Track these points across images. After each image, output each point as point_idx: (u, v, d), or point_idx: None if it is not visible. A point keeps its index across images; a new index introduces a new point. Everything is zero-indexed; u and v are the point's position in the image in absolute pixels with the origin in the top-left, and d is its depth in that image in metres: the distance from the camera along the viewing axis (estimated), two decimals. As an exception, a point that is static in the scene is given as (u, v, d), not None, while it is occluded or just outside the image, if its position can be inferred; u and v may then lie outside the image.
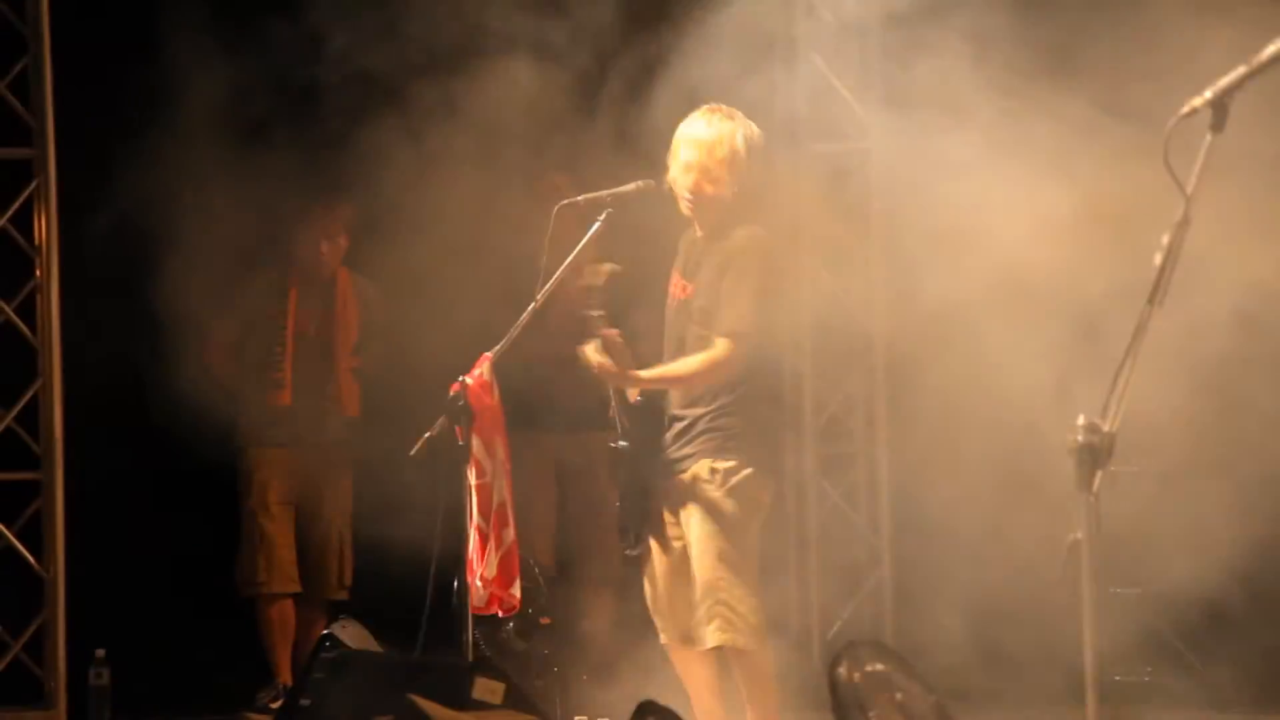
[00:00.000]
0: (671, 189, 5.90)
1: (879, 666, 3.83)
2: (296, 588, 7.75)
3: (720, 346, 5.78)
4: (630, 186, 5.97)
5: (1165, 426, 8.10)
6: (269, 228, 7.82)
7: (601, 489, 7.36)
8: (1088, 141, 8.11)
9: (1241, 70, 3.84)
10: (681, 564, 5.89)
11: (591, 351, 5.77)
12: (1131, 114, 7.55)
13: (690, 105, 5.99)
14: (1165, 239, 3.79)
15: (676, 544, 5.90)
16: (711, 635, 5.81)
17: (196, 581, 7.99)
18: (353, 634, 5.59)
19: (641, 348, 5.96)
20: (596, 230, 5.92)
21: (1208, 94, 3.79)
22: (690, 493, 5.84)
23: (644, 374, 5.80)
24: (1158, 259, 3.80)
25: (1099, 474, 3.84)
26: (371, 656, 5.43)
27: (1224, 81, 3.81)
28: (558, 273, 5.86)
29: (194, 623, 7.89)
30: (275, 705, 7.37)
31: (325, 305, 7.82)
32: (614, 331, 5.77)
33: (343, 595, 7.79)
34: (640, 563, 5.98)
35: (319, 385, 7.76)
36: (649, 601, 5.99)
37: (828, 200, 8.10)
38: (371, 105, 7.91)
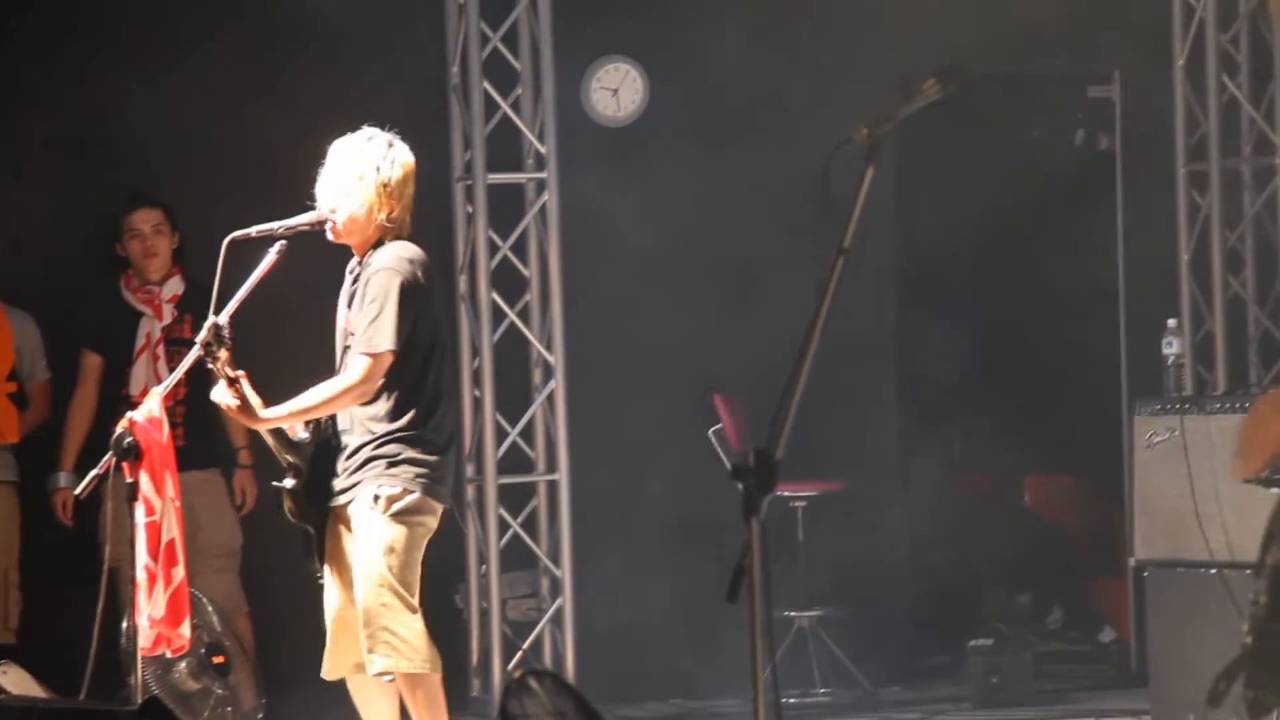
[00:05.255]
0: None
1: (551, 698, 3.84)
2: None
3: (355, 366, 5.78)
4: (304, 218, 5.93)
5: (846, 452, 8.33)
6: None
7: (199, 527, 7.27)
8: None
9: (898, 106, 3.94)
10: (352, 591, 5.87)
11: (218, 394, 5.74)
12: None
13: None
14: (827, 270, 3.85)
15: (347, 573, 5.87)
16: (376, 662, 5.81)
17: None
18: (14, 679, 5.41)
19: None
20: (271, 262, 5.86)
21: (864, 129, 3.88)
22: (355, 520, 5.83)
23: (271, 412, 5.78)
24: (817, 291, 3.86)
25: (765, 500, 3.89)
26: (31, 703, 5.27)
27: (881, 116, 3.90)
28: (229, 306, 5.78)
29: None
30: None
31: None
32: (238, 373, 5.72)
33: (8, 639, 7.53)
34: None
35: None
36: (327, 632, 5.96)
37: (506, 230, 8.12)
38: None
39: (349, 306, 5.91)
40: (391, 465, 5.80)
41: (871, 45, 8.58)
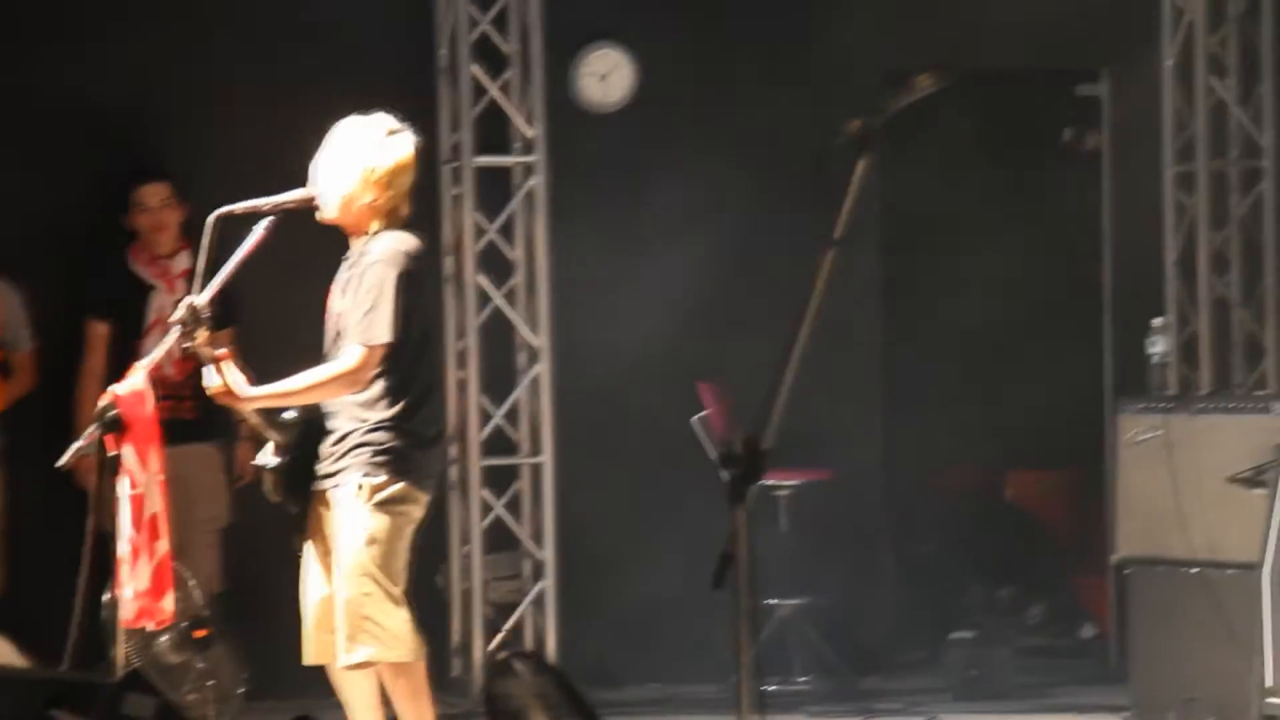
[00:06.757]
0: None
1: (535, 680, 3.86)
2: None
3: (350, 354, 5.74)
4: (292, 195, 5.90)
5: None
6: None
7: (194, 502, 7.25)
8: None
9: (891, 100, 3.96)
10: (332, 577, 5.83)
11: (208, 379, 5.73)
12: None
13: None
14: (818, 261, 3.86)
15: (327, 557, 5.85)
16: (358, 651, 5.76)
17: None
18: (-2, 648, 5.42)
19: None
20: (258, 239, 5.83)
21: (857, 122, 3.89)
22: (338, 507, 5.79)
23: (258, 391, 5.73)
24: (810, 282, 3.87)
25: (751, 489, 3.90)
26: (13, 673, 5.27)
27: (873, 110, 3.91)
28: (214, 282, 5.76)
29: None
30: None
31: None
32: (222, 353, 5.70)
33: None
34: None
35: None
36: (304, 616, 5.94)
37: (493, 214, 8.13)
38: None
39: (342, 294, 5.89)
40: (378, 454, 5.74)
41: (862, 38, 8.60)
